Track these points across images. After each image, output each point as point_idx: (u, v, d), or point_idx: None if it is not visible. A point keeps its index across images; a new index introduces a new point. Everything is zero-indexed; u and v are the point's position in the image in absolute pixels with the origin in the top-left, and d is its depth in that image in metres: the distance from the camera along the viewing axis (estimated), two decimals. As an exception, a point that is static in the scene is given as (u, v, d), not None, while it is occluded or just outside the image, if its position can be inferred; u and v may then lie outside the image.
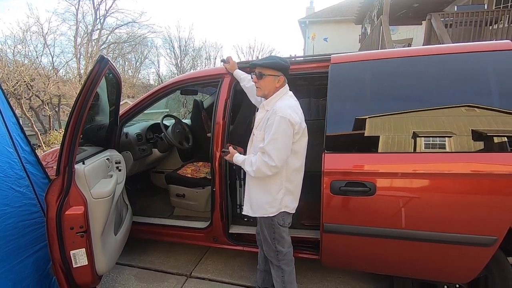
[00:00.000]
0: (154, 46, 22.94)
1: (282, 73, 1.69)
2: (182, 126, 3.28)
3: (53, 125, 13.75)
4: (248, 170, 1.67)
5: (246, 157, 1.73)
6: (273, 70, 1.67)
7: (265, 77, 1.68)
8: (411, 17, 8.54)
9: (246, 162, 1.69)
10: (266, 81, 1.69)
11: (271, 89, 1.70)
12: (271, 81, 1.68)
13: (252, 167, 1.63)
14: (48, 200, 1.60)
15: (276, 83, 1.69)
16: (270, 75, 1.68)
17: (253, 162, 1.63)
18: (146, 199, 3.14)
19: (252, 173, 1.64)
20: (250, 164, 1.66)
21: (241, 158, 1.75)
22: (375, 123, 1.74)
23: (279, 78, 1.68)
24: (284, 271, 1.80)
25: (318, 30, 13.88)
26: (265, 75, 1.68)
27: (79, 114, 1.60)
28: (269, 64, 1.67)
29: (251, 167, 1.64)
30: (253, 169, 1.62)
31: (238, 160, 1.75)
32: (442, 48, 1.84)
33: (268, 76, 1.68)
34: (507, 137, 1.56)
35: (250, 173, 1.66)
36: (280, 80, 1.69)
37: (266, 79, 1.69)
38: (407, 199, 1.65)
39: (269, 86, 1.70)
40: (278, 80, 1.69)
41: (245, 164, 1.69)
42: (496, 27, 5.91)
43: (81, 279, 1.73)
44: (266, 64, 1.68)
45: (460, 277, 1.75)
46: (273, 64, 1.67)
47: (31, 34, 13.51)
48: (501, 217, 1.54)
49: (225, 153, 1.87)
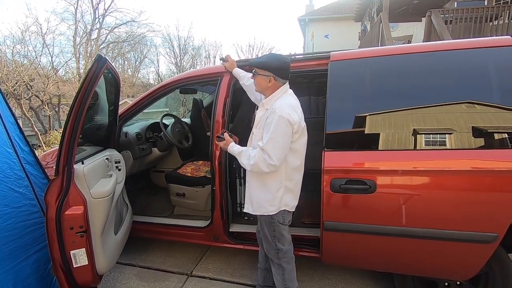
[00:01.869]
0: (154, 45, 22.91)
1: (272, 73, 1.66)
2: (181, 125, 3.27)
3: (53, 125, 13.76)
4: (244, 163, 1.65)
5: (243, 149, 1.69)
6: (262, 70, 1.67)
7: (257, 76, 1.71)
8: (411, 14, 8.49)
9: (243, 155, 1.66)
10: (258, 80, 1.71)
11: (264, 88, 1.71)
12: (262, 80, 1.69)
13: (250, 160, 1.61)
14: (48, 200, 1.60)
15: (267, 83, 1.68)
16: (260, 75, 1.69)
17: (251, 156, 1.61)
18: (146, 198, 3.14)
19: (249, 166, 1.63)
20: (247, 157, 1.64)
21: (237, 148, 1.71)
22: (375, 120, 1.73)
23: (269, 78, 1.67)
24: (285, 269, 1.80)
25: (317, 28, 13.83)
26: (256, 74, 1.71)
27: (78, 114, 1.60)
28: (259, 64, 1.68)
29: (248, 161, 1.62)
30: (251, 163, 1.60)
31: (234, 150, 1.72)
32: (443, 44, 1.83)
33: (258, 75, 1.70)
34: (507, 134, 1.55)
35: (246, 166, 1.64)
36: (271, 80, 1.67)
37: (258, 78, 1.71)
38: (407, 196, 1.65)
39: (262, 85, 1.71)
40: (269, 79, 1.67)
41: (242, 156, 1.67)
42: (496, 23, 5.88)
43: (81, 279, 1.73)
44: (256, 63, 1.70)
45: (461, 274, 1.75)
46: (261, 63, 1.67)
47: (30, 34, 13.48)
48: (502, 214, 1.53)
49: (220, 139, 1.79)
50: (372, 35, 8.01)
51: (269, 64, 1.66)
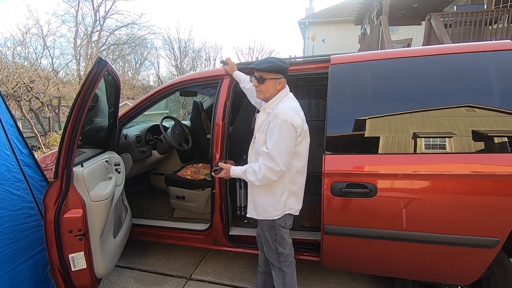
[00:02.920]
0: (154, 48, 22.97)
1: (282, 75, 1.67)
2: (181, 128, 3.27)
3: (53, 126, 13.76)
4: (251, 179, 1.62)
5: (245, 167, 1.67)
6: (274, 74, 1.65)
7: (266, 81, 1.66)
8: (411, 17, 8.53)
9: (248, 172, 1.63)
10: (268, 85, 1.67)
11: (273, 92, 1.69)
12: (272, 84, 1.67)
13: (257, 175, 1.58)
14: (46, 203, 1.59)
15: (277, 86, 1.67)
16: (272, 79, 1.66)
17: (257, 170, 1.58)
18: (146, 201, 3.13)
19: (258, 182, 1.59)
20: (252, 173, 1.61)
21: (239, 169, 1.69)
22: (375, 124, 1.73)
23: (280, 80, 1.67)
24: (285, 273, 1.79)
25: (317, 31, 13.87)
26: (266, 79, 1.66)
27: (78, 116, 1.59)
28: (270, 68, 1.64)
29: (255, 176, 1.59)
30: (259, 178, 1.57)
31: (237, 173, 1.69)
32: (443, 48, 1.82)
33: (269, 80, 1.66)
34: (508, 138, 1.54)
35: (255, 182, 1.60)
36: (281, 82, 1.68)
37: (268, 83, 1.66)
38: (408, 200, 1.64)
39: (271, 90, 1.68)
40: (279, 82, 1.67)
41: (247, 174, 1.64)
42: (496, 26, 5.90)
43: (79, 283, 1.71)
44: (266, 68, 1.64)
45: (463, 279, 1.74)
46: (273, 67, 1.64)
47: (30, 36, 13.53)
48: (503, 219, 1.52)
49: (218, 171, 1.75)
50: (372, 38, 8.03)
51: (277, 66, 1.64)
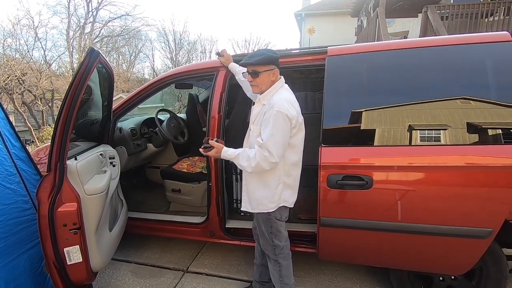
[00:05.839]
0: (149, 40, 22.70)
1: (275, 65, 1.65)
2: (177, 121, 3.24)
3: (46, 120, 13.59)
4: (244, 165, 1.60)
5: (239, 150, 1.65)
6: (267, 65, 1.63)
7: (261, 74, 1.64)
8: (407, 9, 8.48)
9: (241, 157, 1.62)
10: (263, 78, 1.65)
11: (268, 84, 1.67)
12: (266, 76, 1.65)
13: (250, 162, 1.57)
14: (40, 197, 1.57)
15: (271, 77, 1.66)
16: (265, 71, 1.64)
17: (251, 156, 1.57)
18: (142, 194, 3.11)
19: (250, 168, 1.58)
20: (246, 158, 1.59)
21: (231, 151, 1.66)
22: (371, 116, 1.72)
23: (273, 71, 1.65)
24: (282, 265, 1.80)
25: (314, 23, 13.78)
26: (260, 72, 1.63)
27: (70, 108, 1.56)
28: (262, 60, 1.62)
29: (248, 162, 1.58)
30: (252, 164, 1.56)
31: (229, 154, 1.66)
32: (440, 39, 1.82)
33: (263, 72, 1.64)
34: (502, 130, 1.55)
35: (247, 168, 1.60)
36: (275, 73, 1.66)
37: (262, 76, 1.64)
38: (403, 192, 1.65)
39: (266, 82, 1.66)
40: (273, 73, 1.65)
41: (240, 158, 1.62)
42: (492, 19, 5.90)
43: (75, 276, 1.71)
44: (259, 61, 1.62)
45: (456, 269, 1.76)
46: (264, 59, 1.62)
47: (21, 27, 13.23)
48: (497, 210, 1.54)
49: (209, 149, 1.68)
50: (368, 30, 7.99)
51: (269, 57, 1.63)
